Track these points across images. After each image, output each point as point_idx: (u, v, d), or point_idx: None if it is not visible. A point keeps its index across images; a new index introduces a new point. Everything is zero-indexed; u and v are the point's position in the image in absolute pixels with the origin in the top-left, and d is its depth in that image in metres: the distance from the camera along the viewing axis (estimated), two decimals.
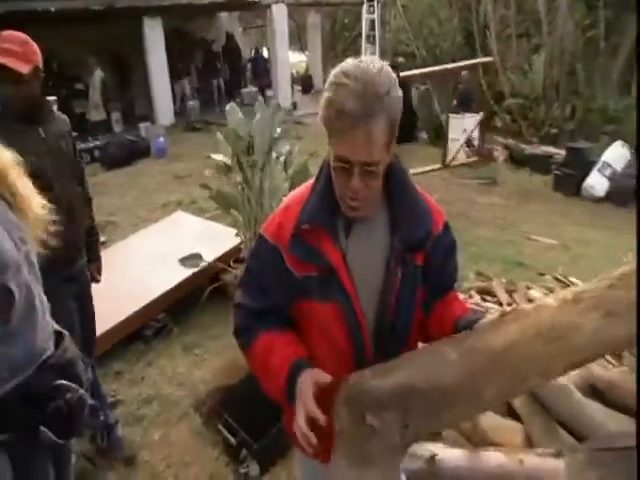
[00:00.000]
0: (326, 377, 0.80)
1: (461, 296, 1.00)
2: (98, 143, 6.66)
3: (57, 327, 1.05)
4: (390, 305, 0.87)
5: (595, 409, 1.60)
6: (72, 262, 1.65)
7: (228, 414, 2.00)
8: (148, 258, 3.01)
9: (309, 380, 0.79)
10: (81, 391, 0.98)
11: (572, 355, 0.71)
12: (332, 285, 0.84)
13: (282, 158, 2.46)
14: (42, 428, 0.92)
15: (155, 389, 2.23)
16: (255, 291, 0.91)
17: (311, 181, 0.89)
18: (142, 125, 7.75)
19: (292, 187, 2.34)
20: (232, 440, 1.89)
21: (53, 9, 6.88)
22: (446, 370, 0.74)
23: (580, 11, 6.71)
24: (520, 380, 0.73)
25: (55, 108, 1.68)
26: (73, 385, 0.97)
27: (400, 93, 0.75)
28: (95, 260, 1.86)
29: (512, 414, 1.80)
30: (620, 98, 6.87)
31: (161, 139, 7.02)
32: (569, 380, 1.79)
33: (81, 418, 0.98)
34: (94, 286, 1.83)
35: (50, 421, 0.93)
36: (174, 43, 8.84)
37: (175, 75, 9.10)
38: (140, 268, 2.88)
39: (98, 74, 6.85)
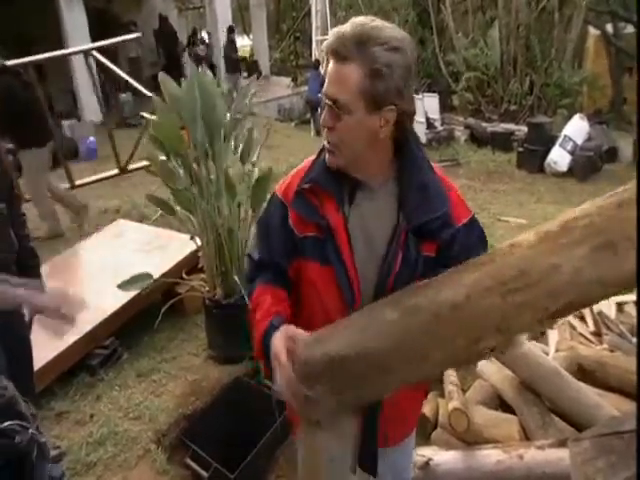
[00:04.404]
0: (296, 332, 0.84)
1: None
2: (10, 146, 6.12)
3: None
4: (387, 288, 0.89)
5: (588, 392, 1.65)
6: None
7: (196, 444, 1.91)
8: (88, 276, 2.81)
9: (282, 335, 0.84)
10: (31, 430, 0.92)
11: (544, 304, 0.65)
12: (329, 248, 0.90)
13: (241, 146, 2.34)
14: None
15: (107, 427, 2.07)
16: (260, 243, 1.01)
17: None
18: (65, 123, 7.25)
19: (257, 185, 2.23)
20: (203, 474, 1.81)
21: None
22: (383, 333, 0.73)
23: None
24: (474, 340, 0.69)
25: None
26: (22, 423, 0.90)
27: (403, 63, 0.81)
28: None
29: (505, 406, 1.83)
30: (574, 71, 7.30)
31: (91, 138, 6.61)
32: (556, 362, 1.85)
33: (33, 463, 0.92)
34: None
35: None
36: (98, 27, 8.35)
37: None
38: (79, 288, 2.68)
39: None
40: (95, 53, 5.27)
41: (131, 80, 5.62)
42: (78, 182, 4.69)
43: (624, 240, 0.61)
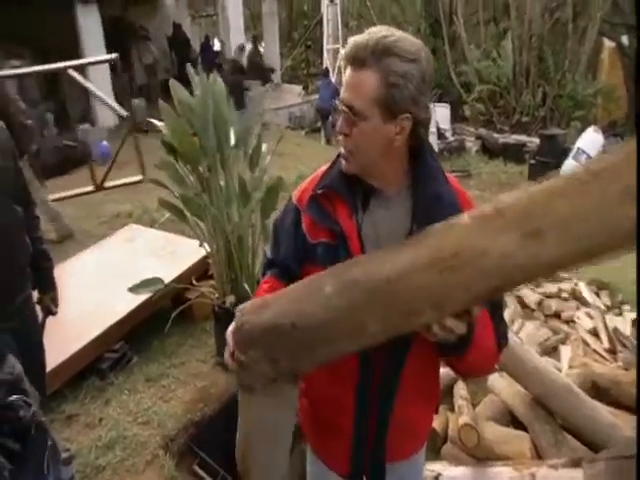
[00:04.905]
0: None
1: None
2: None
3: None
4: None
5: (603, 411, 1.63)
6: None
7: (204, 451, 1.91)
8: (99, 279, 2.83)
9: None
10: (34, 407, 0.96)
11: (474, 284, 0.68)
12: (341, 255, 0.89)
13: (250, 151, 2.36)
14: None
15: (116, 431, 2.08)
16: (273, 243, 1.05)
17: None
18: (80, 127, 7.38)
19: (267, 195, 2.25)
20: None
21: None
22: (319, 306, 0.75)
23: None
24: (408, 314, 0.72)
25: None
26: (26, 400, 0.95)
27: (418, 73, 0.82)
28: (49, 290, 1.72)
29: (516, 422, 1.81)
30: (588, 83, 7.27)
31: (104, 143, 6.71)
32: (569, 379, 1.83)
33: (33, 438, 0.95)
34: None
35: (2, 445, 0.88)
36: (113, 34, 8.52)
37: (115, 70, 8.76)
38: (90, 292, 2.71)
39: (13, 64, 6.35)
40: (70, 71, 5.39)
41: (104, 97, 5.77)
42: (51, 196, 4.59)
43: (552, 229, 0.63)
